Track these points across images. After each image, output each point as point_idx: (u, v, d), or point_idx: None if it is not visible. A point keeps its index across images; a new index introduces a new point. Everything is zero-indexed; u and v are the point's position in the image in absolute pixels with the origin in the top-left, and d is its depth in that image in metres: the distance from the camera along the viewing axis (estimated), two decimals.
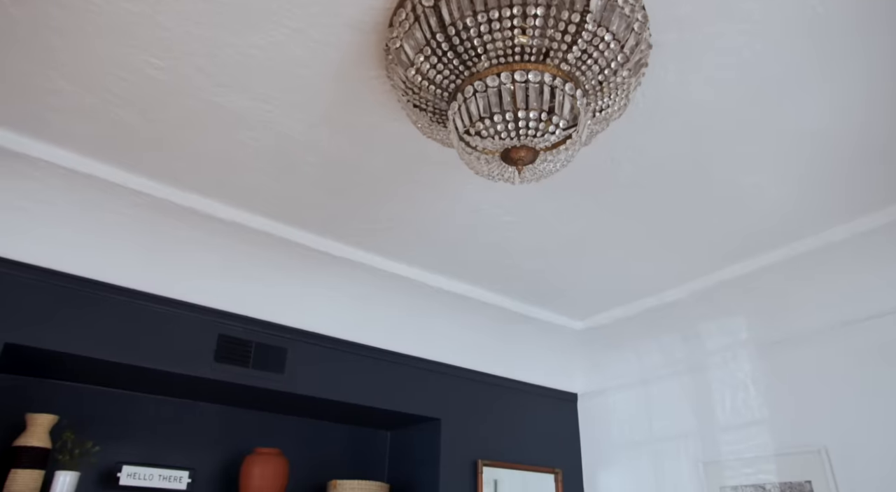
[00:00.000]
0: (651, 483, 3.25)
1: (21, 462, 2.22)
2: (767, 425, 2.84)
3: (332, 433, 3.27)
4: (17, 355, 2.30)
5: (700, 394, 3.16)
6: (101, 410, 2.65)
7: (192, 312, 2.57)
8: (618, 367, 3.57)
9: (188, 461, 2.77)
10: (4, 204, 2.22)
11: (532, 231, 2.61)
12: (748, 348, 3.00)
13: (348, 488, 2.87)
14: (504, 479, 3.28)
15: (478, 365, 3.38)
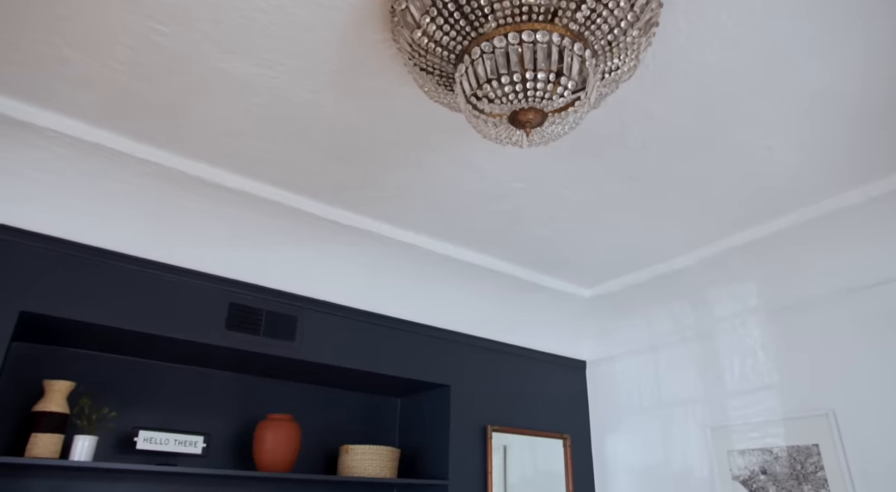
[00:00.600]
0: (659, 448, 3.29)
1: (41, 427, 2.27)
2: (776, 390, 2.85)
3: (344, 400, 3.32)
4: (33, 324, 2.34)
5: (708, 360, 3.17)
6: (117, 377, 2.70)
7: (202, 281, 2.60)
8: (626, 334, 3.59)
9: (202, 427, 2.83)
10: (15, 173, 2.23)
11: (541, 198, 2.60)
12: (757, 315, 3.00)
13: (360, 452, 2.92)
14: (513, 444, 3.33)
15: (487, 333, 3.40)
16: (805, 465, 2.67)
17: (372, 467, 2.90)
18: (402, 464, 3.32)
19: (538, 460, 3.41)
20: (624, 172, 2.41)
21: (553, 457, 3.47)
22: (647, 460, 3.33)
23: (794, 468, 2.70)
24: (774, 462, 2.77)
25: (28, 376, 2.51)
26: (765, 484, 2.78)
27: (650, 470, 3.30)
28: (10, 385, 2.47)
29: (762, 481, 2.79)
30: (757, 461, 2.84)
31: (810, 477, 2.64)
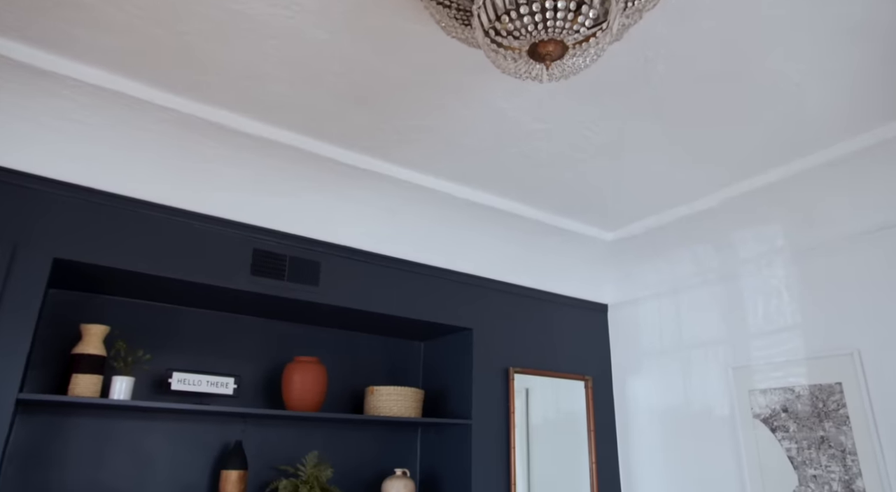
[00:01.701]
0: (680, 389, 3.33)
1: (81, 368, 2.37)
2: (800, 330, 2.84)
3: (368, 344, 3.40)
4: (66, 271, 2.41)
5: (732, 302, 3.16)
6: (149, 322, 2.79)
7: (226, 228, 2.64)
8: (649, 277, 3.58)
9: (233, 369, 2.93)
10: (39, 123, 2.26)
11: (561, 138, 2.56)
12: (783, 255, 2.96)
13: (384, 393, 3.01)
14: (535, 387, 3.39)
15: (509, 277, 3.42)
16: (827, 403, 2.68)
17: (397, 408, 2.99)
18: (427, 405, 3.41)
19: (560, 402, 3.47)
20: (647, 110, 2.35)
21: (574, 399, 3.54)
22: (668, 400, 3.37)
23: (816, 406, 2.71)
24: (796, 401, 2.79)
25: (66, 322, 2.61)
26: (785, 422, 2.81)
27: (671, 410, 3.35)
28: (49, 330, 2.57)
29: (783, 418, 2.82)
30: (778, 400, 2.86)
31: (832, 415, 2.65)
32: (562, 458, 3.37)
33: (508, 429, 3.19)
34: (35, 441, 2.44)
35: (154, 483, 2.62)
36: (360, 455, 3.19)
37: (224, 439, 2.83)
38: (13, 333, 2.14)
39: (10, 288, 2.17)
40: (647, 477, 3.39)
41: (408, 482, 2.98)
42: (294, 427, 3.02)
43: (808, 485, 2.67)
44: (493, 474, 3.08)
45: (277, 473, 2.92)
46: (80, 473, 2.49)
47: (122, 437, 2.61)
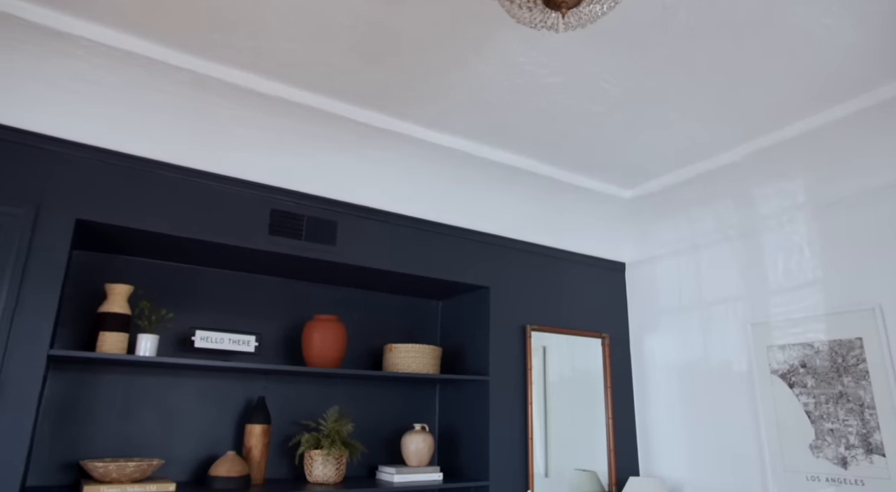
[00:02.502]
0: (698, 345, 3.33)
1: (107, 326, 2.44)
2: (820, 286, 2.81)
3: (386, 303, 3.43)
4: (89, 232, 2.45)
5: (751, 258, 3.13)
6: (171, 282, 2.84)
7: (244, 188, 2.65)
8: (667, 235, 3.55)
9: (254, 328, 2.99)
10: (56, 84, 2.27)
11: (579, 93, 2.51)
12: (805, 211, 2.91)
13: (403, 351, 3.05)
14: (552, 345, 3.42)
15: (526, 235, 3.41)
16: (846, 358, 2.66)
17: (415, 364, 3.04)
18: (444, 362, 3.46)
19: (576, 360, 3.50)
20: (666, 60, 2.29)
21: (591, 356, 3.56)
22: (686, 357, 3.38)
23: (835, 361, 2.70)
24: (815, 356, 2.78)
25: (90, 282, 2.67)
26: (803, 377, 2.80)
27: (688, 367, 3.36)
28: (75, 291, 2.63)
29: (801, 373, 2.82)
30: (797, 355, 2.85)
31: (851, 369, 2.64)
32: (578, 414, 3.42)
33: (525, 385, 3.23)
34: (67, 396, 2.53)
35: (181, 436, 2.72)
36: (380, 411, 3.26)
37: (247, 394, 2.90)
38: (41, 293, 2.19)
39: (36, 248, 2.22)
40: (664, 433, 3.43)
41: (427, 437, 3.05)
42: (315, 384, 3.09)
43: (825, 439, 2.68)
44: (511, 429, 3.13)
45: (299, 427, 3.00)
46: (111, 426, 2.59)
47: (149, 392, 2.69)
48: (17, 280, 2.17)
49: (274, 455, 2.91)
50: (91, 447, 2.54)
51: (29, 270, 2.19)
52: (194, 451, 2.73)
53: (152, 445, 2.65)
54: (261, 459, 2.71)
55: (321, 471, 2.72)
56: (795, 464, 2.77)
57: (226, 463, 2.55)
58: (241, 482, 2.53)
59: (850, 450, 2.59)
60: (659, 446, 3.45)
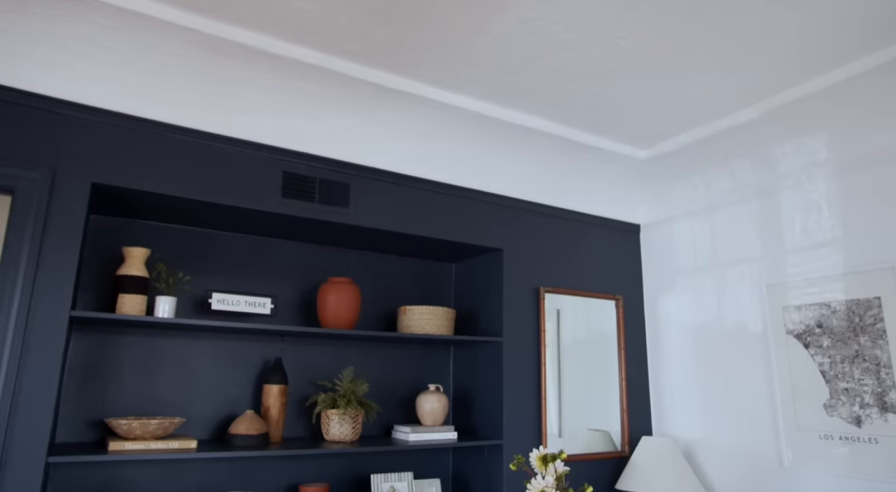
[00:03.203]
0: (712, 306, 3.31)
1: (126, 288, 2.48)
2: (839, 245, 2.77)
3: (400, 266, 3.45)
4: (105, 196, 2.48)
5: (768, 218, 3.08)
6: (187, 246, 2.88)
7: (256, 151, 2.65)
8: (683, 196, 3.51)
9: (269, 290, 3.03)
10: (67, 48, 2.27)
11: (593, 49, 2.46)
12: (825, 168, 2.85)
13: (417, 312, 3.07)
14: (566, 307, 3.42)
15: (540, 197, 3.39)
16: (864, 317, 2.64)
17: (429, 326, 3.06)
18: (458, 324, 3.49)
19: (590, 322, 3.51)
20: (684, 12, 2.23)
21: (605, 318, 3.56)
22: (700, 318, 3.37)
23: (852, 321, 2.68)
24: (831, 316, 2.76)
25: (108, 246, 2.71)
26: (819, 337, 2.79)
27: (702, 327, 3.35)
28: (94, 255, 2.67)
29: (817, 333, 2.80)
30: (813, 316, 2.83)
31: (868, 329, 2.62)
32: (592, 376, 3.44)
33: (539, 347, 3.25)
34: (91, 357, 2.60)
35: (201, 396, 2.78)
36: (395, 372, 3.30)
37: (264, 356, 2.96)
38: (61, 255, 2.23)
39: (54, 211, 2.25)
40: (677, 394, 3.45)
41: (441, 397, 3.09)
42: (330, 345, 3.13)
43: (840, 398, 2.68)
44: (524, 390, 3.16)
45: (316, 388, 3.06)
46: (134, 386, 2.66)
47: (169, 354, 2.75)
48: (37, 243, 2.20)
49: (291, 415, 2.98)
50: (115, 406, 2.61)
51: (48, 234, 2.23)
52: (214, 410, 2.80)
53: (173, 404, 2.72)
54: (279, 418, 2.77)
55: (338, 430, 2.78)
56: (809, 423, 2.78)
57: (245, 422, 2.61)
58: (260, 440, 2.59)
59: (864, 409, 2.59)
60: (672, 406, 3.47)
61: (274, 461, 2.86)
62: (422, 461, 3.25)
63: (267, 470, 2.84)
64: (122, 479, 2.55)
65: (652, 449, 3.16)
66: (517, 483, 3.04)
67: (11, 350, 2.11)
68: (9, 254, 2.17)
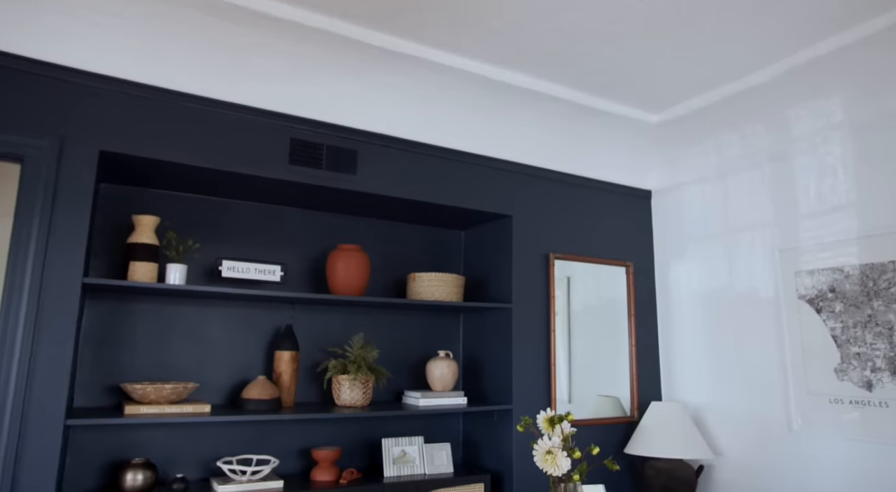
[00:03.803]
0: (724, 272, 3.29)
1: (137, 256, 2.50)
2: (853, 209, 2.73)
3: (410, 233, 3.45)
4: (113, 164, 2.48)
5: (782, 183, 3.03)
6: (196, 215, 2.89)
7: (262, 117, 2.64)
8: (695, 161, 3.46)
9: (279, 258, 3.04)
10: (76, 16, 2.25)
11: (603, 10, 2.40)
12: (841, 131, 2.79)
13: (426, 279, 3.08)
14: (576, 275, 3.41)
15: (549, 163, 3.36)
16: (878, 282, 2.61)
17: (439, 292, 3.07)
18: (468, 291, 3.50)
19: (601, 289, 3.50)
20: None
21: (615, 285, 3.55)
22: (711, 284, 3.35)
23: (866, 285, 2.65)
24: (844, 280, 2.73)
25: (119, 215, 2.73)
26: (832, 302, 2.76)
27: (714, 294, 3.33)
28: (105, 224, 2.70)
29: (829, 298, 2.77)
30: (826, 280, 2.80)
31: (882, 293, 2.59)
32: (603, 342, 3.44)
33: (549, 313, 3.25)
34: (105, 324, 2.64)
35: (214, 362, 2.82)
36: (405, 339, 3.33)
37: (275, 323, 2.99)
38: (72, 223, 2.25)
39: (63, 180, 2.26)
40: (687, 360, 3.45)
41: (451, 363, 3.12)
42: (340, 312, 3.16)
43: (851, 362, 2.66)
44: (534, 356, 3.18)
45: (326, 354, 3.10)
46: (148, 353, 2.70)
47: (181, 321, 2.78)
48: (48, 211, 2.22)
49: (303, 381, 3.02)
50: (130, 372, 2.66)
51: (58, 202, 2.24)
52: (227, 376, 2.84)
53: (187, 370, 2.77)
54: (290, 383, 2.81)
55: (349, 395, 2.82)
56: (819, 387, 2.77)
57: (257, 387, 2.65)
58: (273, 405, 2.63)
59: (875, 373, 2.57)
60: (682, 372, 3.47)
61: (287, 426, 2.91)
62: (432, 426, 3.30)
63: (280, 434, 2.89)
64: (139, 442, 2.61)
65: (661, 414, 3.18)
66: (526, 447, 3.07)
67: (26, 316, 2.14)
68: (20, 222, 2.19)
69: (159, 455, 2.64)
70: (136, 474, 2.35)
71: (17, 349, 2.12)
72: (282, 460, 2.88)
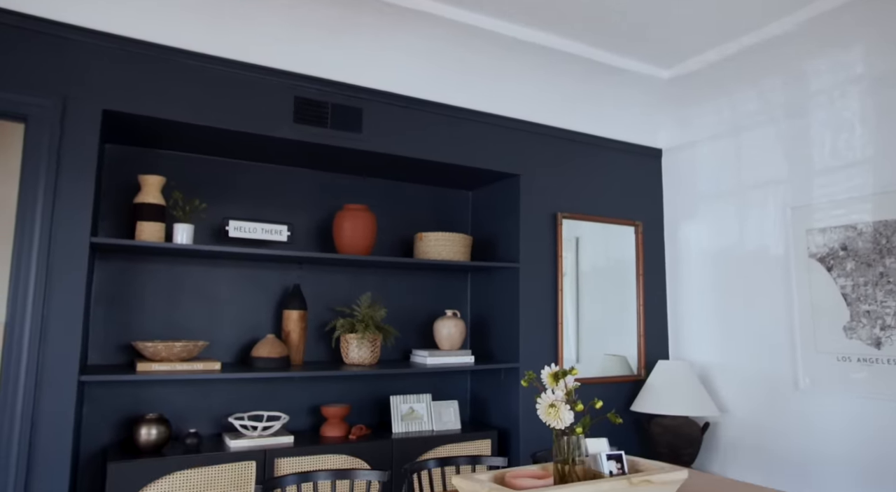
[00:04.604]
0: (734, 231, 3.25)
1: (143, 216, 2.51)
2: (870, 165, 2.67)
3: (416, 194, 3.43)
4: (118, 123, 2.47)
5: (797, 139, 2.97)
6: (202, 175, 2.88)
7: (266, 75, 2.60)
8: (707, 118, 3.38)
9: (285, 218, 3.04)
10: None
11: None
12: (860, 84, 2.71)
13: (433, 239, 3.07)
14: (585, 235, 3.39)
15: (557, 121, 3.30)
16: (891, 239, 2.57)
17: (446, 252, 3.07)
18: (475, 251, 3.49)
19: (609, 249, 3.48)
20: None
21: (624, 245, 3.53)
22: (721, 243, 3.32)
23: (878, 243, 2.61)
24: (857, 238, 2.69)
25: (125, 175, 2.73)
26: (843, 259, 2.73)
27: (723, 253, 3.30)
28: (112, 184, 2.70)
29: (841, 256, 2.74)
30: (837, 238, 2.76)
31: (895, 250, 2.55)
32: (611, 302, 3.44)
33: (556, 272, 3.24)
34: (115, 284, 2.67)
35: (223, 321, 2.86)
36: (412, 298, 3.34)
37: (283, 283, 3.01)
38: (78, 183, 2.25)
39: (68, 139, 2.26)
40: (695, 319, 3.44)
41: (458, 322, 3.13)
42: (347, 272, 3.17)
43: (861, 320, 2.64)
44: (542, 315, 3.18)
45: (334, 313, 3.12)
46: (157, 312, 2.73)
47: (190, 281, 2.81)
48: (53, 171, 2.22)
49: (311, 340, 3.05)
50: (141, 331, 2.70)
51: (63, 162, 2.24)
52: (236, 335, 2.88)
53: (197, 329, 2.81)
54: (299, 342, 2.85)
55: (357, 353, 2.85)
56: (827, 346, 2.76)
57: (266, 345, 2.69)
58: (282, 363, 2.67)
59: (885, 331, 2.55)
60: (689, 331, 3.47)
61: (296, 384, 2.96)
62: (440, 384, 3.34)
63: (290, 392, 2.94)
64: (152, 399, 2.67)
65: (667, 372, 3.19)
66: (533, 405, 3.11)
67: (37, 275, 2.17)
68: (27, 181, 2.20)
69: (172, 411, 2.70)
70: (150, 428, 2.40)
71: (29, 308, 2.15)
72: (292, 416, 2.93)
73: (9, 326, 2.14)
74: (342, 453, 2.64)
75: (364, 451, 2.68)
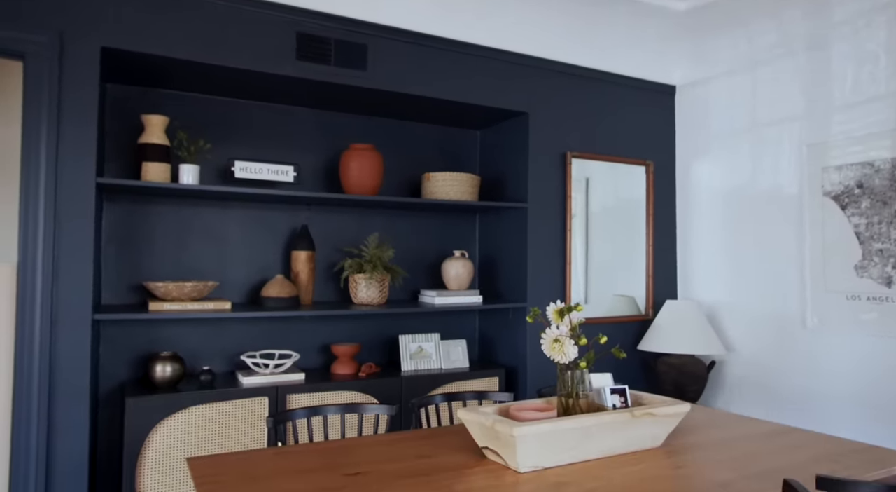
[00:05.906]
0: (747, 170, 3.19)
1: (149, 156, 2.49)
2: (892, 99, 2.58)
3: (424, 133, 3.37)
4: (118, 61, 2.42)
5: (816, 73, 2.86)
6: (206, 115, 2.84)
7: (267, 10, 2.52)
8: (724, 53, 3.26)
9: (291, 159, 3.01)
10: None
11: None
12: (887, 12, 2.58)
13: (441, 179, 3.04)
14: (595, 175, 3.34)
15: (567, 57, 3.19)
16: None
17: (454, 192, 3.04)
18: (483, 191, 3.46)
19: (619, 189, 3.43)
20: None
21: (634, 185, 3.48)
22: (734, 182, 3.26)
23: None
24: (874, 175, 2.62)
25: (128, 115, 2.70)
26: (858, 198, 2.67)
27: (735, 191, 3.25)
28: (114, 124, 2.67)
29: (856, 194, 2.68)
30: (854, 176, 2.69)
31: None
32: (620, 242, 3.42)
33: (565, 212, 3.22)
34: (124, 226, 2.68)
35: (232, 262, 2.88)
36: (420, 239, 3.34)
37: (291, 224, 3.01)
38: (80, 122, 2.23)
39: (67, 78, 2.22)
40: (705, 259, 3.42)
41: (466, 262, 3.14)
42: (355, 213, 3.16)
43: (872, 259, 2.61)
44: (550, 255, 3.18)
45: (342, 254, 3.13)
46: (167, 254, 2.75)
47: (198, 222, 2.81)
48: (55, 111, 2.20)
49: (320, 280, 3.08)
50: (152, 271, 2.73)
51: (64, 101, 2.22)
52: (245, 275, 2.91)
53: (207, 270, 2.83)
54: (308, 282, 2.87)
55: (365, 293, 2.87)
56: (838, 285, 2.74)
57: (275, 285, 2.71)
58: (291, 302, 2.70)
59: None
60: (698, 271, 3.46)
61: (306, 323, 3.00)
62: (448, 324, 3.38)
63: (300, 331, 2.99)
64: (166, 338, 2.72)
65: (675, 312, 3.20)
66: (540, 343, 3.14)
67: (45, 216, 2.18)
68: (29, 121, 2.17)
69: (186, 350, 2.76)
70: (164, 365, 2.46)
71: (39, 249, 2.17)
72: (302, 355, 2.99)
73: (21, 267, 2.16)
74: (352, 389, 2.70)
75: (373, 388, 2.75)
